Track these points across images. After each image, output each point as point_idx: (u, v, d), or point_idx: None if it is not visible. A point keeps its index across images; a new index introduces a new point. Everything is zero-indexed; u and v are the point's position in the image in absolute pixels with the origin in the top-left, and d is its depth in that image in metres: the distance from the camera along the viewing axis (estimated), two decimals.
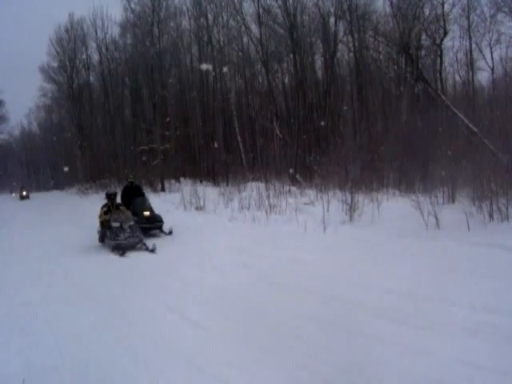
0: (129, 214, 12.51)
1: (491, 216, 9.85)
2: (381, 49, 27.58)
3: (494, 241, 8.25)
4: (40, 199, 35.72)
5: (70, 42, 40.58)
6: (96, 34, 38.34)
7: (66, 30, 40.26)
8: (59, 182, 49.96)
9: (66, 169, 42.43)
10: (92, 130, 40.42)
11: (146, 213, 13.33)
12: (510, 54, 26.04)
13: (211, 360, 4.88)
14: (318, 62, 29.43)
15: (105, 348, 5.38)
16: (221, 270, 8.73)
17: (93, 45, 39.40)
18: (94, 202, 20.99)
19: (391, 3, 25.22)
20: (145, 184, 26.96)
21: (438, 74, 25.40)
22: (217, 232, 13.07)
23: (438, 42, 24.75)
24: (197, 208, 17.46)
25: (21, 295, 7.89)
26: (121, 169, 30.81)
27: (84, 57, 40.83)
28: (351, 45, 27.58)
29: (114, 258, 11.14)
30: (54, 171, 57.39)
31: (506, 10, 24.94)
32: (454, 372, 4.26)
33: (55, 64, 42.21)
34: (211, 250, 10.67)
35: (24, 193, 38.66)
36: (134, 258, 11.01)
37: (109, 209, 12.47)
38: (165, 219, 13.73)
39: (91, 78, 41.62)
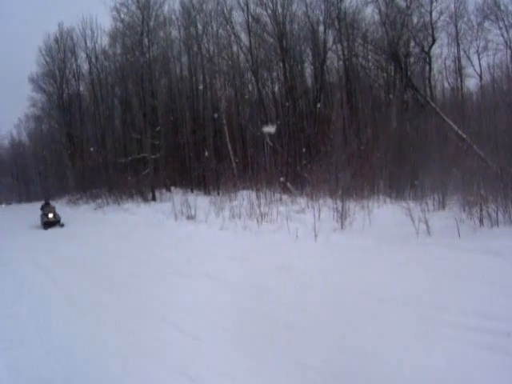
0: None
1: (481, 222, 9.89)
2: (370, 56, 27.72)
3: (484, 246, 8.28)
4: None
5: (60, 52, 40.45)
6: (85, 43, 38.32)
7: (56, 40, 40.13)
8: (49, 193, 49.61)
9: None
10: (82, 140, 40.22)
11: None
12: (498, 60, 26.28)
13: None
14: (308, 70, 29.48)
15: None
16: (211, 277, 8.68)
17: (82, 54, 39.36)
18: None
19: (380, 11, 25.40)
20: (136, 193, 26.93)
21: (426, 81, 25.55)
22: (208, 241, 13.04)
23: (426, 49, 24.93)
24: (188, 217, 17.42)
25: None
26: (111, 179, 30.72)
27: (74, 66, 40.72)
28: (340, 53, 27.66)
29: None
30: (44, 181, 57.01)
31: (493, 17, 25.19)
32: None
33: (44, 74, 42.05)
34: (204, 259, 10.62)
35: (50, 215, 21.79)
36: None
37: None
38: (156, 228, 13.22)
39: (81, 88, 41.51)
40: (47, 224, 21.33)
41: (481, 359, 4.53)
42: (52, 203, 25.19)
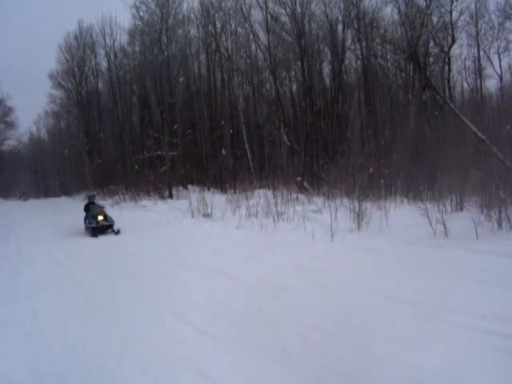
0: None
1: (500, 224, 9.80)
2: (388, 56, 27.62)
3: (502, 249, 8.22)
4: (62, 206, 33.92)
5: (79, 49, 40.78)
6: (105, 41, 38.56)
7: (75, 37, 40.49)
8: (67, 189, 50.08)
9: None
10: (100, 137, 40.50)
11: None
12: None
13: None
14: (326, 69, 29.49)
15: None
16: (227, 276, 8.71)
17: (101, 52, 39.63)
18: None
19: (399, 11, 25.29)
20: (153, 191, 27.07)
21: (445, 82, 25.39)
22: (224, 239, 13.08)
23: (445, 49, 24.77)
24: (204, 215, 17.48)
25: None
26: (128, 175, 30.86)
27: (93, 64, 41.02)
28: (359, 52, 27.60)
29: None
30: (62, 177, 57.59)
31: None
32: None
33: (64, 71, 42.44)
34: (220, 257, 10.65)
35: (100, 217, 16.49)
36: None
37: None
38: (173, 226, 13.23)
39: (100, 85, 41.77)
40: (97, 230, 16.20)
41: (497, 363, 4.51)
42: (100, 202, 20.75)
